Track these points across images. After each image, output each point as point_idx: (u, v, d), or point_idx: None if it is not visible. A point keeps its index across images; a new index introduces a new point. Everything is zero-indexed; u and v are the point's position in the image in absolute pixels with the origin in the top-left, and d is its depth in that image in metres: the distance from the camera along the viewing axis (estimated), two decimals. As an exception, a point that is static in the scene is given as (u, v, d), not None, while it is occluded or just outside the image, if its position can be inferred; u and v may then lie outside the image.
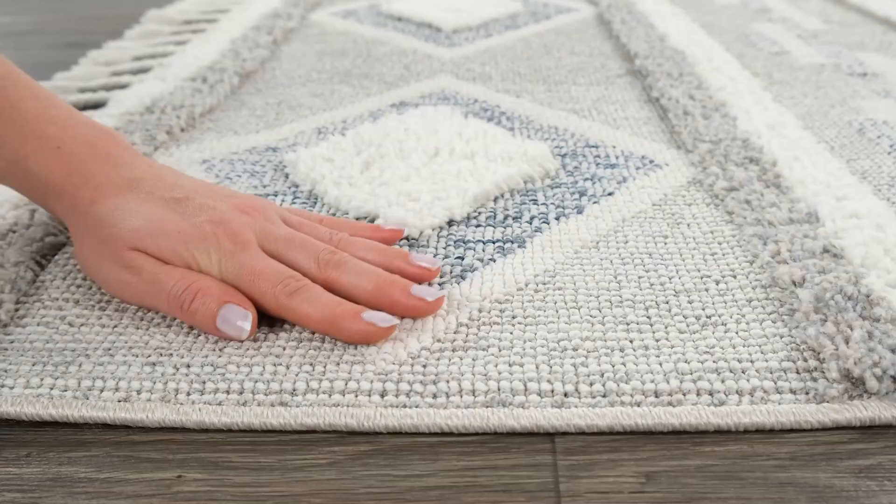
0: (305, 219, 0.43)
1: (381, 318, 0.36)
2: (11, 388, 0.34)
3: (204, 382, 0.34)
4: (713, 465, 0.31)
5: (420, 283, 0.40)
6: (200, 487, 0.30)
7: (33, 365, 0.36)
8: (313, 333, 0.37)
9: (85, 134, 0.42)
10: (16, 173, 0.41)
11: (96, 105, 0.70)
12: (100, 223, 0.39)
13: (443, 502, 0.29)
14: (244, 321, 0.36)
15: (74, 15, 1.14)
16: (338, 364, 0.35)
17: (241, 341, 0.37)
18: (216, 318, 0.36)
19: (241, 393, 0.34)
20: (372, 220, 0.47)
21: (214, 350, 0.36)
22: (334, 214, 0.48)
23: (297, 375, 0.35)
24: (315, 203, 0.50)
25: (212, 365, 0.35)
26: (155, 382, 0.34)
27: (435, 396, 0.33)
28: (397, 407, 0.33)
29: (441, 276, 0.42)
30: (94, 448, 0.32)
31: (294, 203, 0.50)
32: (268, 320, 0.38)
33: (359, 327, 0.36)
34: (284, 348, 0.36)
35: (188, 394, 0.34)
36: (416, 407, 0.33)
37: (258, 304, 0.37)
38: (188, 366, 0.35)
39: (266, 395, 0.34)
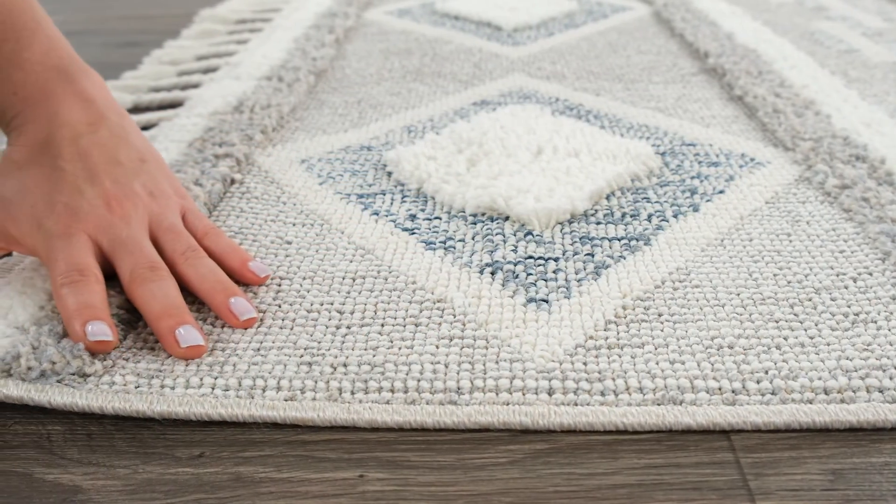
0: (201, 227, 0.43)
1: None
2: (172, 388, 0.34)
3: (366, 381, 0.34)
4: (898, 462, 0.30)
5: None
6: (386, 487, 0.30)
7: (187, 365, 0.35)
8: (463, 330, 0.37)
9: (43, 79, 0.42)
10: None
11: (172, 104, 0.70)
12: None
13: (633, 500, 0.29)
14: None
15: (121, 14, 1.13)
16: (496, 362, 0.35)
17: None
18: None
19: (406, 392, 0.34)
20: (491, 218, 0.47)
21: (367, 350, 0.36)
22: (448, 212, 0.48)
23: (458, 374, 0.34)
24: (426, 201, 0.50)
25: (369, 364, 0.35)
26: (316, 382, 0.34)
27: (603, 394, 0.33)
28: (569, 405, 0.33)
29: (576, 273, 0.42)
30: (266, 448, 0.32)
31: (403, 202, 0.50)
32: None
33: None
34: (437, 346, 0.36)
35: (352, 392, 0.34)
36: (587, 405, 0.33)
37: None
38: (345, 365, 0.35)
39: (432, 393, 0.33)
